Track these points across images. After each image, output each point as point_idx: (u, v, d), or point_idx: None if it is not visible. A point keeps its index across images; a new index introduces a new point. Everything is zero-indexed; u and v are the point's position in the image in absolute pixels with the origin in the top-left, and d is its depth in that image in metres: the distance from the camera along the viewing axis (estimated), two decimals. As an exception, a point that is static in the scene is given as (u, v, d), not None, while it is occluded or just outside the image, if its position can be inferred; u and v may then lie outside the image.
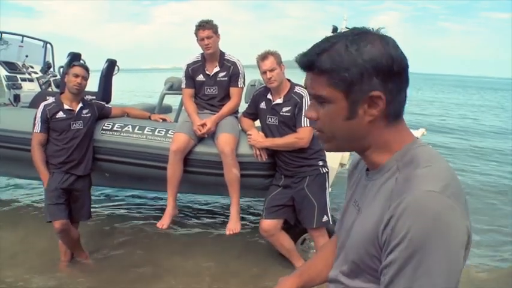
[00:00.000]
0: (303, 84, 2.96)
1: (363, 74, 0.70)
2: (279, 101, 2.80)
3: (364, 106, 0.73)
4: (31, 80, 4.97)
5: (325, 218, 2.81)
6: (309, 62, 0.75)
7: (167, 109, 4.19)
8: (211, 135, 3.01)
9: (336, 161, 3.36)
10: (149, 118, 3.38)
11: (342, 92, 0.73)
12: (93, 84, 3.52)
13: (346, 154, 3.48)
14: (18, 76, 4.81)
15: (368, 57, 0.70)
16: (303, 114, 2.72)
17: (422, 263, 0.63)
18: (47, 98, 3.14)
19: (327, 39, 0.75)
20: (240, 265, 3.19)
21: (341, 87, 0.72)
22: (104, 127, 3.17)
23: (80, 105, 2.97)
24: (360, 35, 0.73)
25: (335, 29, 3.46)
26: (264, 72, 2.73)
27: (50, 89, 4.86)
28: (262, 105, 2.89)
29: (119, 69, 4.35)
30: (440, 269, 0.63)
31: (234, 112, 3.17)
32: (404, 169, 0.73)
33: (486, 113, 17.75)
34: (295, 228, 3.01)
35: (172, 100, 4.29)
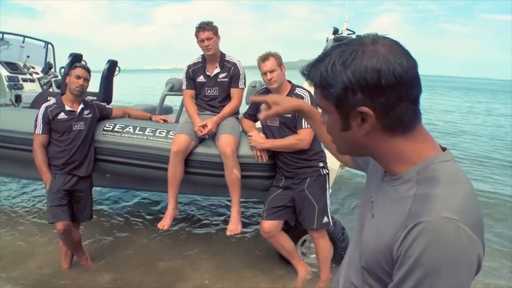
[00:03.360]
0: (303, 86, 2.97)
1: (347, 90, 0.70)
2: (280, 102, 2.79)
3: (357, 120, 0.72)
4: (32, 81, 4.99)
5: (325, 219, 2.82)
6: (304, 75, 0.77)
7: (168, 110, 4.20)
8: (212, 136, 3.01)
9: (336, 162, 3.36)
10: (150, 119, 3.38)
11: (333, 104, 0.73)
12: (94, 85, 3.53)
13: (347, 155, 3.49)
14: (20, 76, 4.83)
15: (351, 73, 0.69)
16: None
17: (432, 287, 0.63)
18: (48, 98, 3.15)
19: (326, 50, 0.76)
20: (240, 266, 3.19)
21: (331, 100, 0.73)
22: (105, 128, 3.18)
23: (81, 106, 2.98)
24: (351, 47, 0.71)
25: (336, 31, 3.46)
26: (264, 73, 2.73)
27: (51, 90, 4.87)
28: (263, 106, 2.89)
29: (119, 70, 4.36)
30: None
31: (235, 113, 3.18)
32: (424, 185, 0.71)
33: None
34: (296, 229, 3.02)
35: (173, 100, 4.30)
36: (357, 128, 0.73)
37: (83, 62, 3.99)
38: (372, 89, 0.69)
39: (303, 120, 2.72)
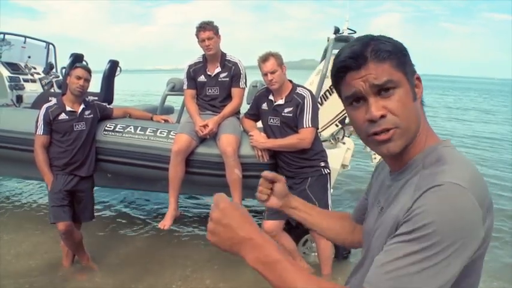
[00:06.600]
0: (304, 85, 2.96)
1: (407, 57, 0.76)
2: (281, 101, 2.80)
3: (415, 88, 0.76)
4: (33, 81, 4.99)
5: (326, 219, 2.81)
6: (363, 53, 0.73)
7: (169, 110, 4.20)
8: (213, 136, 3.01)
9: (337, 161, 3.35)
10: (151, 119, 3.38)
11: (403, 73, 0.74)
12: (95, 85, 3.53)
13: (348, 155, 3.48)
14: (21, 77, 4.83)
15: (400, 43, 0.76)
16: (305, 114, 2.72)
17: (429, 241, 0.62)
18: (50, 98, 3.14)
19: (356, 38, 0.79)
20: (241, 266, 3.19)
21: (402, 67, 0.74)
22: (106, 128, 3.18)
23: (82, 106, 2.98)
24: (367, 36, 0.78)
25: (337, 30, 3.45)
26: (265, 74, 2.73)
27: (52, 90, 4.87)
28: (264, 106, 2.89)
29: (121, 70, 4.36)
30: (444, 255, 0.62)
31: (236, 113, 3.18)
32: (430, 166, 0.72)
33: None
34: (297, 229, 3.01)
35: (174, 100, 4.30)
36: (418, 96, 0.77)
37: (83, 62, 3.99)
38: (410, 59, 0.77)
39: (304, 119, 2.71)
